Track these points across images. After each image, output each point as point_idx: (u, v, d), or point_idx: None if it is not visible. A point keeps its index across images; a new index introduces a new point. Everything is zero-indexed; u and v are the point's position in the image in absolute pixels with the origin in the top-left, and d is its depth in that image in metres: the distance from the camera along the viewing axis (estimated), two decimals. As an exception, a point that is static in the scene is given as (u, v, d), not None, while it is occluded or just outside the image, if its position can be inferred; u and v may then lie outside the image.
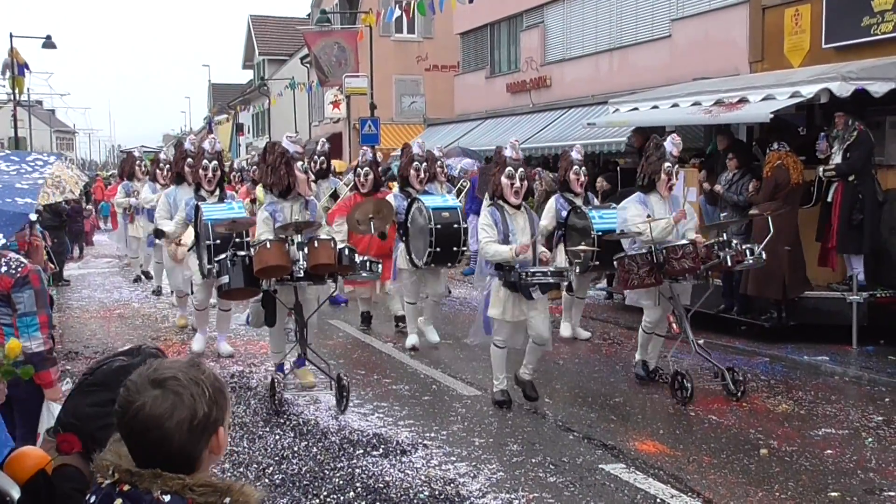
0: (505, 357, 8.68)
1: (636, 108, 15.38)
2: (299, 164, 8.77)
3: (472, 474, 6.81)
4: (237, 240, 9.12)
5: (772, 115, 11.53)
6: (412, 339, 11.36)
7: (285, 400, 8.83)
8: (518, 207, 8.48)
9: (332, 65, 33.32)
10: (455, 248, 10.80)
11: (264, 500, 2.41)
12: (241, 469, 6.87)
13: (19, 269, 5.44)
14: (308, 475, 6.72)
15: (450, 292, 14.55)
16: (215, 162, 10.81)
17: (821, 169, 11.46)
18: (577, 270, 10.71)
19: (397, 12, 23.27)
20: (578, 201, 11.26)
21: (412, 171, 11.38)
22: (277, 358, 9.25)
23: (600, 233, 10.29)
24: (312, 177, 8.95)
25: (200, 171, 10.69)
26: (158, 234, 11.34)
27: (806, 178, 11.57)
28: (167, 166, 13.79)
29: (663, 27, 21.48)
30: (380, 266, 9.16)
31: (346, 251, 8.67)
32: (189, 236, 11.05)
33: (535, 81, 26.79)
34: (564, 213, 11.26)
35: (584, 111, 22.51)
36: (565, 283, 10.65)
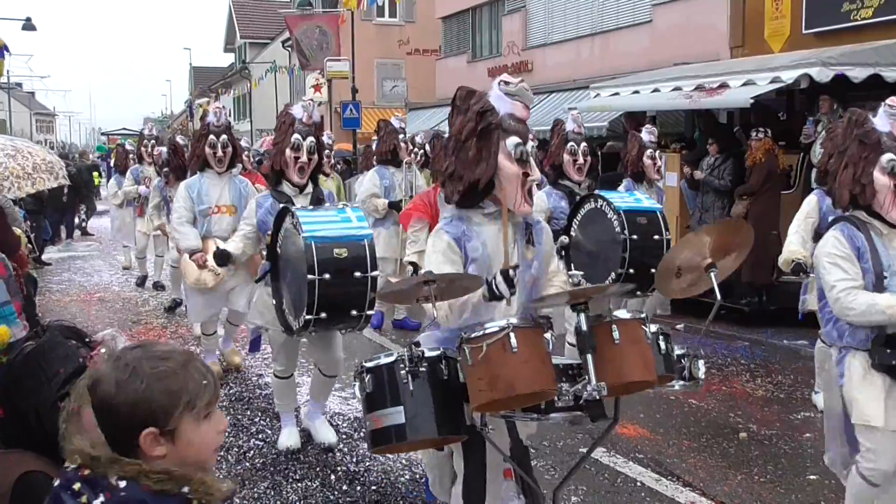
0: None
1: (617, 93, 15.40)
2: (510, 141, 4.24)
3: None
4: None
5: (752, 101, 11.58)
6: None
7: (267, 384, 8.80)
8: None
9: (314, 48, 33.19)
10: (653, 271, 6.20)
11: (235, 491, 2.41)
12: (223, 453, 6.85)
13: None
14: (289, 459, 6.71)
15: None
16: (311, 139, 6.73)
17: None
18: None
19: (381, -4, 23.22)
20: None
21: (567, 157, 7.73)
22: None
23: None
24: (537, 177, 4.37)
25: (289, 151, 6.65)
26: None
27: (785, 164, 11.66)
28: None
29: (644, 12, 21.53)
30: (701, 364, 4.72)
31: (661, 339, 4.30)
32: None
33: (517, 66, 26.80)
34: (832, 217, 7.08)
35: (566, 96, 22.59)
36: None
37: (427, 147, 12.49)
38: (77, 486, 2.28)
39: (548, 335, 3.90)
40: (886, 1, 14.25)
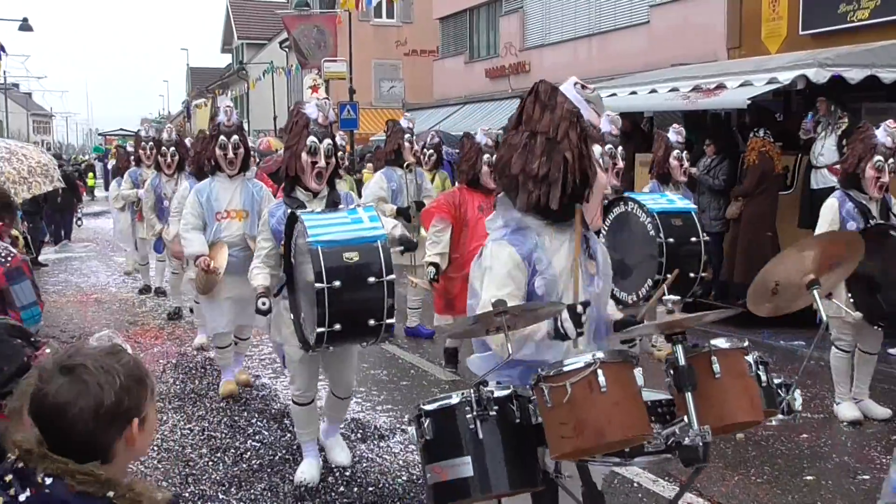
0: None
1: (614, 94, 15.40)
2: (596, 150, 4.08)
3: (450, 459, 6.77)
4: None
5: (749, 102, 11.59)
6: None
7: (264, 385, 8.79)
8: None
9: (312, 47, 33.21)
10: (692, 275, 6.78)
11: (174, 501, 2.41)
12: (219, 454, 6.85)
13: (10, 260, 4.90)
14: (286, 460, 6.71)
15: None
16: (328, 141, 6.12)
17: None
18: None
19: (377, -3, 23.24)
20: (874, 207, 6.99)
21: (607, 159, 6.88)
22: None
23: None
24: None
25: (305, 156, 5.99)
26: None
27: (781, 165, 11.67)
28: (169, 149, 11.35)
29: (642, 13, 21.56)
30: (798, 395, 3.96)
31: (761, 368, 3.74)
32: (224, 260, 7.56)
33: (514, 67, 26.84)
34: (856, 226, 6.91)
35: (563, 96, 22.58)
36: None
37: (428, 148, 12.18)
38: (8, 477, 2.28)
39: (638, 371, 3.36)
40: (883, 2, 14.28)
